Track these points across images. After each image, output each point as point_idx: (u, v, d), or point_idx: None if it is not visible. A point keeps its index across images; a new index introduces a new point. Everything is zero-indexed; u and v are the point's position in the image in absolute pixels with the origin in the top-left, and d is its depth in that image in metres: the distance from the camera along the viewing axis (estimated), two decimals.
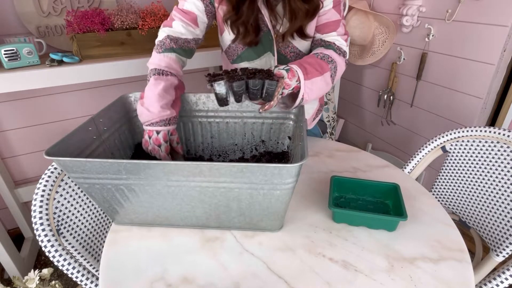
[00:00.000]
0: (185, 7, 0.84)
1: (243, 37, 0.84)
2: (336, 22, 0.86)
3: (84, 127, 0.69)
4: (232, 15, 0.80)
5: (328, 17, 0.85)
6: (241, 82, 0.66)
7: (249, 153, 0.91)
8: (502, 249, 0.83)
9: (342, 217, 0.73)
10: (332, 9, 0.85)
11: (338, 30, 0.87)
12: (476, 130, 0.97)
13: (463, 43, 1.36)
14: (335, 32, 0.86)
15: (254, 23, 0.82)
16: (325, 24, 0.86)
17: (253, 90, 0.67)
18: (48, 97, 1.53)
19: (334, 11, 0.85)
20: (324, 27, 0.86)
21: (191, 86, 1.83)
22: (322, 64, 0.80)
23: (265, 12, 0.81)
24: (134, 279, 0.61)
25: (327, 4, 0.84)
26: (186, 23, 0.84)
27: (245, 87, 0.67)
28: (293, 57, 0.92)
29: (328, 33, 0.87)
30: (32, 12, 1.32)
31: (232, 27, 0.83)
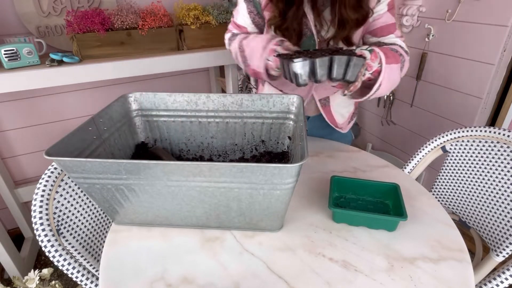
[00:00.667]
0: (238, 21, 0.94)
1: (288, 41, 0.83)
2: (392, 25, 0.85)
3: (84, 127, 0.69)
4: (277, 21, 0.81)
5: (384, 21, 0.84)
6: (325, 59, 0.61)
7: (249, 153, 0.91)
8: (502, 249, 0.83)
9: (342, 217, 0.73)
10: (387, 12, 0.83)
11: (395, 32, 0.86)
12: (476, 130, 0.97)
13: (463, 43, 1.36)
14: (393, 35, 0.85)
15: (297, 28, 0.82)
16: (382, 28, 0.85)
17: (338, 68, 0.62)
18: (48, 97, 1.53)
19: (389, 14, 0.84)
20: (381, 31, 0.85)
21: (191, 86, 1.84)
22: (396, 55, 0.78)
23: (311, 16, 0.81)
24: (134, 279, 0.61)
25: (382, 8, 0.82)
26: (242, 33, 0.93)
27: (328, 64, 0.62)
28: None
29: (386, 35, 0.86)
30: (32, 12, 1.32)
31: (276, 32, 0.84)
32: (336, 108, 1.03)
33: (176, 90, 1.79)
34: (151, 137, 0.90)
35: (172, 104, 0.86)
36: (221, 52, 1.42)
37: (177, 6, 1.41)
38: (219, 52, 1.42)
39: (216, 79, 1.82)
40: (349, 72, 0.63)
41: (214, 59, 1.42)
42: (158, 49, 1.38)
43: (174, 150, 0.92)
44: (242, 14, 0.92)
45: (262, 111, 0.85)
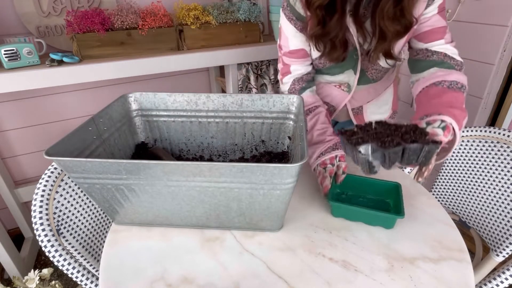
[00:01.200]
0: (291, 47, 0.85)
1: (330, 52, 0.79)
2: (442, 29, 0.75)
3: (84, 127, 0.69)
4: (317, 30, 0.74)
5: (432, 23, 0.74)
6: (398, 149, 0.55)
7: (249, 153, 0.91)
8: (502, 249, 0.83)
9: (340, 211, 0.73)
10: (437, 14, 0.73)
11: (445, 37, 0.75)
12: (476, 130, 0.97)
13: (463, 43, 1.36)
14: (442, 40, 0.75)
15: (342, 38, 0.76)
16: (429, 32, 0.75)
17: (410, 157, 0.56)
18: (48, 97, 1.53)
19: (439, 16, 0.74)
20: (428, 35, 0.75)
21: (191, 86, 1.84)
22: (459, 98, 0.68)
23: (353, 29, 0.75)
24: (134, 279, 0.61)
25: (432, 10, 0.73)
26: (302, 61, 0.87)
27: (401, 153, 0.56)
28: (374, 74, 0.89)
29: (433, 41, 0.75)
30: (32, 12, 1.32)
31: (318, 43, 0.78)
32: (370, 115, 1.01)
33: (176, 90, 1.79)
34: (151, 137, 0.90)
35: (172, 104, 0.86)
36: (221, 52, 1.42)
37: (177, 6, 1.41)
38: (219, 52, 1.42)
39: (216, 79, 1.82)
40: (422, 158, 0.57)
41: (214, 59, 1.42)
42: (158, 49, 1.38)
43: (174, 150, 0.92)
44: (292, 36, 0.84)
45: (262, 111, 0.85)
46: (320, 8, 0.71)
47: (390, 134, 0.57)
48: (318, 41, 0.78)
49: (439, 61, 0.75)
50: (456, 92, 0.69)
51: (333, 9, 0.71)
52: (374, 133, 0.57)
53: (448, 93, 0.69)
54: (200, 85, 1.86)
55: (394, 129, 0.57)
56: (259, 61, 1.56)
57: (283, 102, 0.84)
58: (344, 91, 0.94)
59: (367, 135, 0.57)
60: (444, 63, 0.74)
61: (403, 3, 0.66)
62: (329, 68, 0.90)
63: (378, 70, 0.88)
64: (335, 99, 0.97)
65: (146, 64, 1.32)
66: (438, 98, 0.68)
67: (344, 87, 0.94)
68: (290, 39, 0.85)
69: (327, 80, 0.94)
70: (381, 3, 0.67)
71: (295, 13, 0.80)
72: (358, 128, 0.59)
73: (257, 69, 1.58)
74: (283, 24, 0.84)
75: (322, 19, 0.72)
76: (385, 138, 0.56)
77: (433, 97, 0.70)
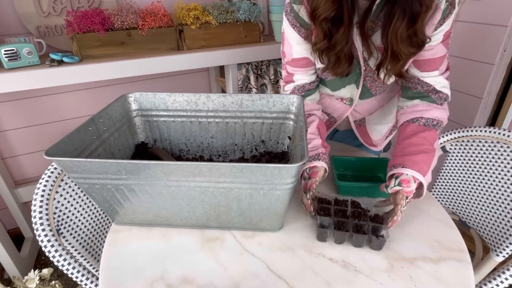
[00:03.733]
0: (295, 56, 0.82)
1: (334, 66, 0.76)
2: (440, 59, 0.74)
3: (84, 127, 0.69)
4: (323, 44, 0.71)
5: (434, 53, 0.73)
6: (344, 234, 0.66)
7: (249, 153, 0.91)
8: (502, 249, 0.83)
9: (346, 189, 0.81)
10: (440, 43, 0.72)
11: (440, 67, 0.75)
12: (476, 130, 0.97)
13: (463, 43, 1.36)
14: (437, 71, 0.75)
15: (348, 51, 0.72)
16: (428, 61, 0.74)
17: (357, 241, 0.66)
18: (48, 97, 1.53)
19: (442, 46, 0.72)
20: (426, 64, 0.75)
21: (191, 86, 1.84)
22: (428, 137, 0.72)
23: (359, 44, 0.73)
24: (134, 279, 0.61)
25: (437, 38, 0.71)
26: (305, 70, 0.84)
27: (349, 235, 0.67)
28: (378, 90, 0.86)
29: (429, 71, 0.75)
30: (32, 12, 1.32)
31: (323, 56, 0.75)
32: (373, 126, 1.00)
33: (176, 90, 1.79)
34: (151, 137, 0.90)
35: (172, 104, 0.86)
36: (221, 52, 1.42)
37: (177, 6, 1.41)
38: (219, 52, 1.42)
39: (216, 79, 1.82)
40: (374, 243, 0.66)
41: (214, 59, 1.42)
42: (158, 49, 1.38)
43: (174, 150, 0.92)
44: (296, 44, 0.80)
45: (262, 111, 0.85)
46: (326, 21, 0.67)
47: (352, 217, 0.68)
48: (322, 54, 0.75)
49: (425, 94, 0.78)
50: (429, 130, 0.75)
51: (340, 21, 0.67)
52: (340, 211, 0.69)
53: (421, 132, 0.74)
54: (200, 85, 1.86)
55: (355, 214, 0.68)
56: (259, 61, 1.56)
57: (283, 102, 0.84)
58: (346, 104, 0.94)
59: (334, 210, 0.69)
60: (428, 97, 0.78)
61: (416, 26, 0.64)
62: (332, 82, 0.87)
63: (381, 87, 0.86)
64: (337, 111, 0.97)
65: (146, 64, 1.32)
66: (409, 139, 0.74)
67: (346, 101, 0.93)
68: (293, 47, 0.81)
69: (328, 93, 0.94)
70: (394, 26, 0.64)
71: (299, 19, 0.75)
72: (334, 202, 0.72)
73: (257, 69, 1.58)
74: (287, 30, 0.80)
75: (328, 32, 0.69)
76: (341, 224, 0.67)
77: (406, 137, 0.75)
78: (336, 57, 0.74)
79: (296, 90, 0.87)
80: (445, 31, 0.71)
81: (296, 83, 0.86)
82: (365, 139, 1.02)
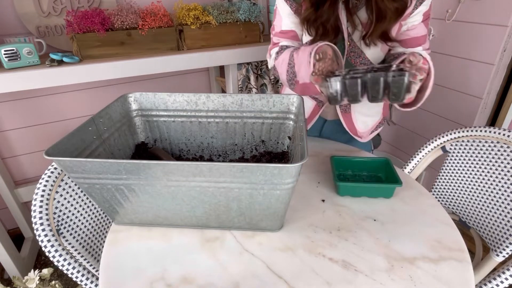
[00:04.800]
0: (283, 28, 0.88)
1: (321, 37, 0.81)
2: (423, 37, 0.83)
3: (84, 127, 0.69)
4: (310, 14, 0.78)
5: (416, 32, 0.82)
6: (355, 81, 0.60)
7: (249, 153, 0.91)
8: (502, 249, 0.83)
9: (346, 189, 0.80)
10: (421, 23, 0.82)
11: (423, 45, 0.84)
12: (476, 130, 0.97)
13: (463, 43, 1.36)
14: (421, 47, 0.84)
15: (333, 23, 0.79)
16: (413, 39, 0.83)
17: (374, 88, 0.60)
18: (48, 97, 1.53)
19: (423, 25, 0.82)
20: (411, 42, 0.84)
21: (191, 86, 1.84)
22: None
23: (343, 18, 0.79)
24: (134, 279, 0.61)
25: (417, 19, 0.80)
26: (291, 41, 0.88)
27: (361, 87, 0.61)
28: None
29: (414, 47, 0.84)
30: (32, 12, 1.32)
31: (311, 28, 0.81)
32: (358, 116, 1.00)
33: (176, 90, 1.79)
34: (151, 137, 0.90)
35: (172, 104, 0.86)
36: (221, 52, 1.42)
37: (177, 6, 1.41)
38: (219, 52, 1.42)
39: (216, 79, 1.82)
40: (394, 89, 0.60)
41: (214, 59, 1.42)
42: (158, 49, 1.38)
43: (174, 150, 0.92)
44: (286, 17, 0.87)
45: (262, 111, 0.85)
46: None
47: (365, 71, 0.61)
48: (310, 25, 0.80)
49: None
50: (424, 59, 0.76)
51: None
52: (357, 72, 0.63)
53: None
54: (200, 85, 1.86)
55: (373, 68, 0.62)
56: (259, 61, 1.56)
57: (283, 102, 0.84)
58: None
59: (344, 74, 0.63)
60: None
61: None
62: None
63: (365, 64, 0.88)
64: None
65: (146, 64, 1.32)
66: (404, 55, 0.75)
67: None
68: (283, 19, 0.88)
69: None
70: None
71: None
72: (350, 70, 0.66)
73: (257, 69, 1.58)
74: (279, 4, 0.87)
75: (316, 3, 0.77)
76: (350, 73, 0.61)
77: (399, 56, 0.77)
78: (322, 27, 0.80)
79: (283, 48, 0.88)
80: (424, 12, 0.80)
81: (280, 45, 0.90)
82: (351, 128, 1.02)
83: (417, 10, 0.79)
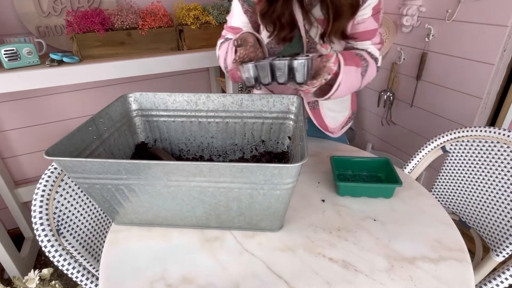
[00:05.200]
0: (232, 23, 0.92)
1: (278, 32, 0.83)
2: (373, 31, 0.85)
3: (84, 127, 0.69)
4: (265, 8, 0.79)
5: (366, 26, 0.84)
6: (265, 63, 0.66)
7: (249, 153, 0.91)
8: (502, 249, 0.83)
9: (346, 189, 0.80)
10: (371, 17, 0.83)
11: (373, 39, 0.86)
12: (476, 130, 0.97)
13: (463, 43, 1.36)
14: (369, 41, 0.86)
15: (288, 17, 0.80)
16: (362, 33, 0.85)
17: (279, 72, 0.66)
18: (48, 97, 1.53)
19: (372, 19, 0.84)
20: (360, 36, 0.85)
21: (191, 86, 1.84)
22: (356, 59, 0.79)
23: (299, 16, 0.80)
24: (134, 279, 0.61)
25: (366, 12, 0.82)
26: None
27: (270, 69, 0.67)
28: None
29: (362, 41, 0.86)
30: (32, 12, 1.32)
31: (268, 23, 0.83)
32: (327, 112, 1.02)
33: (176, 90, 1.79)
34: (151, 137, 0.90)
35: (172, 104, 0.86)
36: None
37: (177, 6, 1.41)
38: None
39: (216, 79, 1.82)
40: (297, 74, 0.66)
41: (214, 59, 1.42)
42: (158, 49, 1.38)
43: (174, 150, 0.92)
44: (237, 14, 0.91)
45: (262, 111, 0.85)
46: None
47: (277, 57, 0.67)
48: (266, 20, 0.82)
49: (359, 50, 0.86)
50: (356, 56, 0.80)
51: None
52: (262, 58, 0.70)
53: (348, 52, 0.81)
54: (200, 85, 1.86)
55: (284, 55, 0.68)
56: None
57: (283, 102, 0.84)
58: None
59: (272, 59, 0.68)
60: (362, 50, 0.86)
61: None
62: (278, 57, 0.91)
63: None
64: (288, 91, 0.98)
65: (146, 64, 1.32)
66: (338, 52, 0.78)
67: None
68: (234, 16, 0.91)
69: None
70: None
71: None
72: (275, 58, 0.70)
73: None
74: (234, 1, 0.90)
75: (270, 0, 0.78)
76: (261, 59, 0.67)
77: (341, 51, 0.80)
78: (279, 22, 0.81)
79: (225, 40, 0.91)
80: (373, 5, 0.81)
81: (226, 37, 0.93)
82: (321, 124, 1.03)
83: (366, 4, 0.80)
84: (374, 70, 0.87)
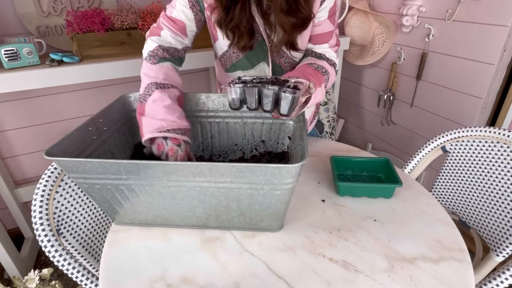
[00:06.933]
0: (173, 14, 0.82)
1: (238, 41, 0.81)
2: (329, 33, 0.85)
3: (84, 127, 0.69)
4: (223, 17, 0.77)
5: (322, 28, 0.84)
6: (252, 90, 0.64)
7: (249, 153, 0.91)
8: (502, 249, 0.83)
9: (346, 189, 0.80)
10: (327, 19, 0.83)
11: (330, 41, 0.86)
12: (476, 130, 0.97)
13: (463, 43, 1.36)
14: (327, 44, 0.86)
15: (247, 26, 0.79)
16: (319, 35, 0.85)
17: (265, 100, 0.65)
18: (48, 97, 1.53)
19: (328, 22, 0.84)
20: (316, 38, 0.86)
21: (191, 86, 1.83)
22: (319, 75, 0.79)
23: (260, 21, 0.79)
24: (134, 279, 0.61)
25: (322, 15, 0.82)
26: (175, 33, 0.82)
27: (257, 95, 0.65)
28: (288, 67, 0.90)
29: (320, 44, 0.86)
30: (32, 12, 1.32)
31: (226, 31, 0.81)
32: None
33: None
34: None
35: None
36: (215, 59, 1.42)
37: None
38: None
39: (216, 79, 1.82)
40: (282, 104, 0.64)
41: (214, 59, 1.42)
42: None
43: None
44: (181, 7, 0.81)
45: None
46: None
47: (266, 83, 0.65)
48: (225, 29, 0.80)
49: (318, 55, 0.86)
50: (317, 71, 0.80)
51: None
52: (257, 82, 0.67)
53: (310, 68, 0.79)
54: (200, 85, 1.86)
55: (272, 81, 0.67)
56: None
57: None
58: None
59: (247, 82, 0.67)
60: (321, 56, 0.86)
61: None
62: (242, 61, 0.90)
63: (291, 63, 0.90)
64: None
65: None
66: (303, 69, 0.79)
67: None
68: (177, 6, 0.81)
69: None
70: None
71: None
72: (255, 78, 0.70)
73: None
74: None
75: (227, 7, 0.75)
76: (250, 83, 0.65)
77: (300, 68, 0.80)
78: (238, 31, 0.79)
79: (161, 49, 0.81)
80: (329, 8, 0.81)
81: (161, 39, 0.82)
82: None
83: (322, 6, 0.80)
84: (334, 76, 0.87)
